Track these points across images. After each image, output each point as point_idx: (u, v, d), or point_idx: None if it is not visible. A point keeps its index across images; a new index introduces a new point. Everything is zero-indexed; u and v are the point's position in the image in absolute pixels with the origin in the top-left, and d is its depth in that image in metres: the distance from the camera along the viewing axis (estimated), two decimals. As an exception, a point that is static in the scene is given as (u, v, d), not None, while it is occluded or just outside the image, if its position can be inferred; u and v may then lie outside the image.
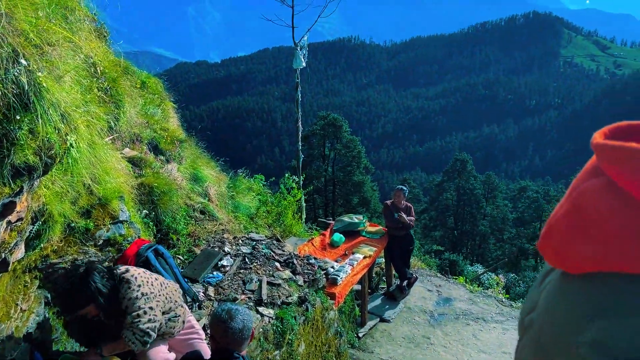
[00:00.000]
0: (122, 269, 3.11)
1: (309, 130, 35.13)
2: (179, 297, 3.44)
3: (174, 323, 3.30)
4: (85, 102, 2.66)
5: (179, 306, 3.39)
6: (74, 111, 2.27)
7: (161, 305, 3.19)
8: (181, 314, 3.40)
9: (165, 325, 3.22)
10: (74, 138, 2.33)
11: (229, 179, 8.42)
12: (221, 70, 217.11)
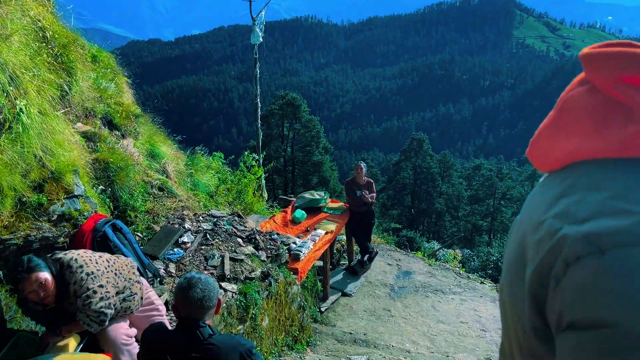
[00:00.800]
0: (60, 255, 2.95)
1: (267, 110, 34.78)
2: (134, 272, 3.32)
3: (130, 302, 3.20)
4: (35, 66, 2.50)
5: (134, 283, 3.28)
6: (23, 74, 2.13)
7: (112, 281, 3.07)
8: (137, 290, 3.29)
9: (120, 306, 3.12)
10: (24, 103, 2.19)
11: (187, 157, 8.24)
12: (175, 48, 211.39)
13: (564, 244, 0.66)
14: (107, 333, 3.09)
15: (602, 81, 0.72)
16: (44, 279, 2.76)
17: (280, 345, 5.54)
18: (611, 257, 0.60)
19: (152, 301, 3.55)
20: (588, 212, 0.65)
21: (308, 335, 6.27)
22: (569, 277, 0.65)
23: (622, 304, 0.59)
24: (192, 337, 2.19)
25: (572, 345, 0.65)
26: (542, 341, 0.74)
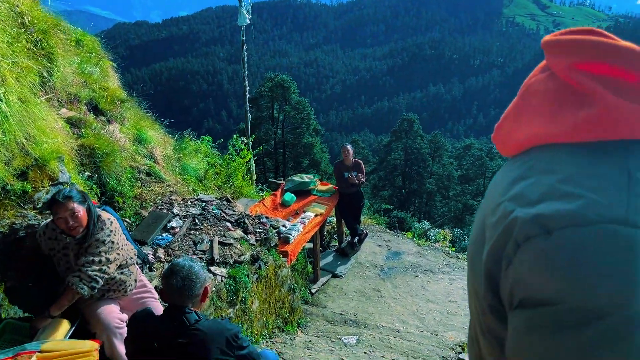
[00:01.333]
0: (100, 210, 3.17)
1: (257, 92, 34.53)
2: (134, 254, 3.46)
3: (127, 277, 3.28)
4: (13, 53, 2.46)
5: (133, 264, 3.39)
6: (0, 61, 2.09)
7: (120, 259, 3.20)
8: (134, 270, 3.40)
9: (119, 277, 3.23)
10: (3, 91, 2.16)
11: (175, 141, 8.19)
12: (163, 30, 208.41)
13: (515, 225, 0.68)
14: (99, 316, 3.11)
15: (558, 67, 0.75)
16: (79, 211, 2.90)
17: (271, 327, 5.60)
18: (556, 238, 0.63)
19: (145, 284, 3.58)
20: (539, 194, 0.68)
21: (299, 316, 6.33)
22: (518, 257, 0.67)
23: (565, 282, 0.61)
24: (178, 323, 2.21)
25: (520, 322, 0.68)
26: (499, 320, 0.76)
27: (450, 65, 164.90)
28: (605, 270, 0.60)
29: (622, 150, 0.68)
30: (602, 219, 0.61)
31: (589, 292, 0.60)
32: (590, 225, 0.61)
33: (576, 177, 0.67)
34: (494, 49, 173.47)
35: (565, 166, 0.70)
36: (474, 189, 39.14)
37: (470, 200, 38.85)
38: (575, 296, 0.61)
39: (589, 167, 0.68)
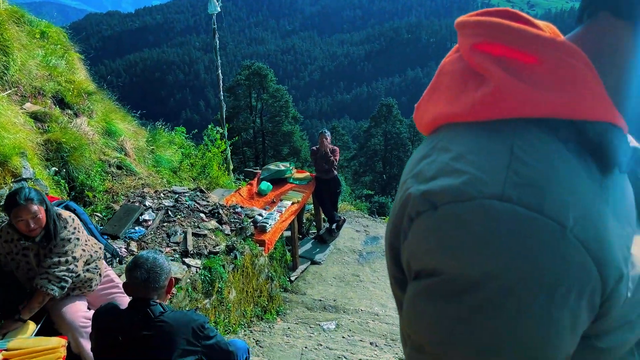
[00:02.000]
0: (59, 209, 3.12)
1: (234, 80, 34.20)
2: (100, 247, 3.41)
3: (93, 274, 3.24)
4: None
5: (98, 258, 3.34)
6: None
7: (85, 256, 3.15)
8: (101, 266, 3.35)
9: (84, 275, 3.18)
10: (-50, 87, 2.10)
11: (147, 133, 8.08)
12: (136, 20, 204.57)
13: (409, 201, 0.71)
14: (64, 315, 3.07)
15: (463, 48, 0.77)
16: (40, 212, 2.86)
17: (249, 316, 5.61)
18: (440, 212, 0.66)
19: (112, 278, 3.54)
20: (433, 172, 0.70)
21: (278, 304, 6.35)
22: (412, 231, 0.71)
23: (446, 254, 0.65)
24: (143, 315, 2.19)
25: (410, 292, 0.72)
26: (404, 293, 0.78)
27: (428, 49, 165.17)
28: (480, 243, 0.62)
29: (511, 128, 0.69)
30: (480, 194, 0.63)
31: (466, 263, 0.63)
32: (470, 200, 0.64)
33: (466, 155, 0.69)
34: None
35: (459, 145, 0.71)
36: (454, 172, 39.43)
37: (450, 182, 39.15)
38: (454, 267, 0.64)
39: (479, 145, 0.70)
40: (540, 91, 0.68)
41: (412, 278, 0.72)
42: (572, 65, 0.67)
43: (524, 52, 0.69)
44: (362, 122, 59.15)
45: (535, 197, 0.62)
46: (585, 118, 0.68)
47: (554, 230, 0.61)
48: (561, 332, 0.63)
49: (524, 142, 0.68)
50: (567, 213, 0.62)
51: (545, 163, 0.66)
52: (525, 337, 0.62)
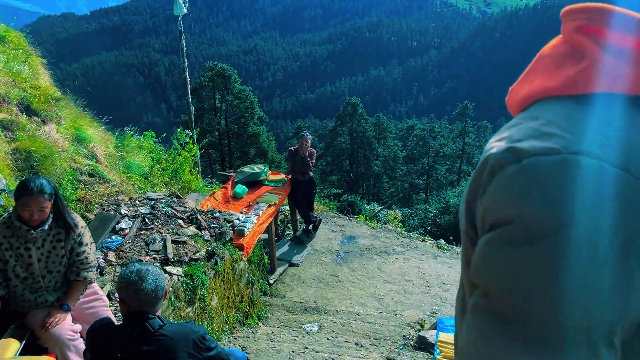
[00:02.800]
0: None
1: (197, 82, 33.69)
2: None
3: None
4: None
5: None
6: None
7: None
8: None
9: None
10: None
11: (116, 139, 7.86)
12: (92, 22, 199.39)
13: (491, 157, 0.74)
14: (49, 330, 2.94)
15: (566, 32, 0.83)
16: (47, 206, 2.89)
17: (232, 323, 5.52)
18: (524, 164, 0.68)
19: (95, 290, 3.41)
20: (521, 135, 0.73)
21: (259, 309, 6.28)
22: (492, 184, 0.73)
23: (522, 202, 0.67)
24: (142, 330, 2.11)
25: (482, 241, 0.73)
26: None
27: (389, 47, 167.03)
28: (560, 192, 0.64)
29: (603, 101, 0.73)
30: (565, 150, 0.67)
31: (544, 210, 0.65)
32: (554, 154, 0.67)
33: (556, 121, 0.72)
34: (430, 29, 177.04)
35: (549, 113, 0.75)
36: (419, 168, 40.04)
37: (416, 179, 39.76)
38: (531, 214, 0.66)
39: (570, 114, 0.74)
40: (634, 69, 0.72)
41: (485, 231, 0.73)
42: None
43: (624, 34, 0.74)
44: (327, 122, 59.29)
45: (621, 156, 0.65)
46: None
47: (637, 189, 0.63)
48: (632, 288, 0.64)
49: (615, 113, 0.71)
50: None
51: (634, 131, 0.69)
52: (597, 288, 0.63)
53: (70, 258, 3.09)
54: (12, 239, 2.92)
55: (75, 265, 3.10)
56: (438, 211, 21.71)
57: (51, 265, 3.04)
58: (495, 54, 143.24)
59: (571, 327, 0.63)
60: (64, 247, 3.06)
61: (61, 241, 3.05)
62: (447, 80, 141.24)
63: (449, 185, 34.03)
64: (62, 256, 3.06)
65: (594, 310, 0.63)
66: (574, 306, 0.63)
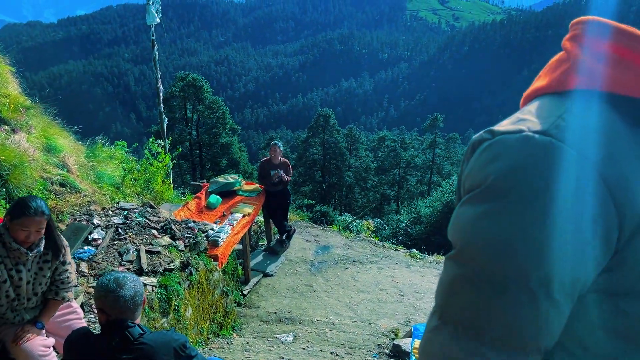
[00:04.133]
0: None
1: (168, 92, 33.36)
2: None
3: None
4: None
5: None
6: None
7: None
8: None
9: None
10: None
11: (86, 148, 7.73)
12: (59, 31, 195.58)
13: (475, 138, 0.87)
14: (21, 346, 2.87)
15: (564, 40, 0.95)
16: (44, 227, 2.83)
17: (206, 334, 5.47)
18: (495, 139, 0.82)
19: (70, 304, 3.34)
20: (505, 121, 0.87)
21: (233, 320, 6.24)
22: (473, 157, 0.86)
23: (489, 169, 0.80)
24: (121, 339, 2.09)
25: (459, 203, 0.86)
26: None
27: (360, 59, 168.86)
28: (515, 162, 0.77)
29: (577, 95, 0.85)
30: (527, 130, 0.80)
31: (502, 176, 0.77)
32: (519, 132, 0.80)
33: (532, 110, 0.86)
34: (401, 42, 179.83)
35: (533, 106, 0.88)
36: (390, 179, 40.43)
37: (388, 190, 40.12)
38: (493, 178, 0.78)
39: (545, 105, 0.87)
40: (611, 71, 0.83)
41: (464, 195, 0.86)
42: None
43: (601, 39, 0.86)
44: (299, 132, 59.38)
45: (572, 136, 0.77)
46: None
47: (581, 163, 0.75)
48: (569, 247, 0.74)
49: (582, 104, 0.83)
50: (597, 152, 0.76)
51: (592, 119, 0.80)
52: (537, 238, 0.73)
53: (52, 277, 3.04)
54: (6, 259, 2.83)
55: (56, 285, 3.04)
56: (409, 221, 21.95)
57: (37, 287, 2.97)
58: (463, 66, 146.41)
59: (513, 277, 0.74)
60: (50, 267, 3.00)
61: (48, 262, 2.99)
62: (417, 92, 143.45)
63: (419, 195, 34.42)
64: (48, 277, 3.00)
65: (533, 265, 0.74)
66: (520, 259, 0.74)
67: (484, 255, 0.77)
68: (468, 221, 0.81)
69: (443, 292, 0.84)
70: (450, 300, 0.82)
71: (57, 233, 3.01)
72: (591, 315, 0.82)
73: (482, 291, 0.77)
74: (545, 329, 0.76)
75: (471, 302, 0.78)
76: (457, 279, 0.81)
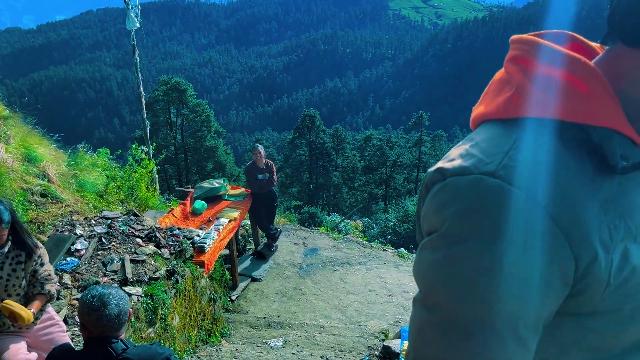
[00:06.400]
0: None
1: (151, 96, 33.10)
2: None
3: None
4: None
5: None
6: None
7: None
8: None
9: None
10: None
11: (68, 157, 7.62)
12: (38, 37, 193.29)
13: (428, 175, 0.88)
14: (4, 358, 2.81)
15: (505, 60, 0.92)
16: (5, 234, 2.83)
17: (194, 341, 5.41)
18: (445, 182, 0.82)
19: (52, 316, 3.28)
20: (454, 155, 0.86)
21: (221, 326, 6.18)
22: (427, 199, 0.87)
23: (443, 215, 0.80)
24: (104, 355, 2.05)
25: (419, 247, 0.87)
26: None
27: (344, 59, 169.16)
28: (467, 207, 0.77)
29: (522, 125, 0.83)
30: (478, 171, 0.78)
31: (455, 222, 0.78)
32: (468, 174, 0.79)
33: (480, 143, 0.85)
34: (384, 41, 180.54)
35: (480, 136, 0.87)
36: (377, 178, 40.53)
37: (375, 189, 40.21)
38: (447, 225, 0.79)
39: (493, 136, 0.85)
40: (552, 97, 0.81)
41: (424, 237, 0.87)
42: (586, 80, 0.79)
43: (550, 66, 0.83)
44: (285, 134, 59.33)
45: (520, 177, 0.76)
46: (589, 123, 0.79)
47: (531, 205, 0.74)
48: (529, 288, 0.74)
49: (527, 136, 0.81)
50: (544, 193, 0.75)
51: (538, 154, 0.79)
52: (496, 281, 0.74)
53: (34, 277, 3.01)
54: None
55: (40, 282, 3.01)
56: (397, 220, 21.98)
57: (11, 289, 2.91)
58: (447, 64, 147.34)
59: (478, 321, 0.75)
60: (25, 269, 2.94)
61: (21, 263, 2.93)
62: (402, 90, 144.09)
63: (407, 194, 34.58)
64: (22, 278, 2.94)
65: (495, 307, 0.74)
66: (483, 303, 0.75)
67: (448, 301, 0.78)
68: (429, 266, 0.82)
69: (414, 336, 0.85)
70: (421, 346, 0.83)
71: (25, 233, 2.97)
72: (560, 335, 0.85)
73: (450, 336, 0.77)
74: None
75: (441, 347, 0.79)
76: (425, 324, 0.82)
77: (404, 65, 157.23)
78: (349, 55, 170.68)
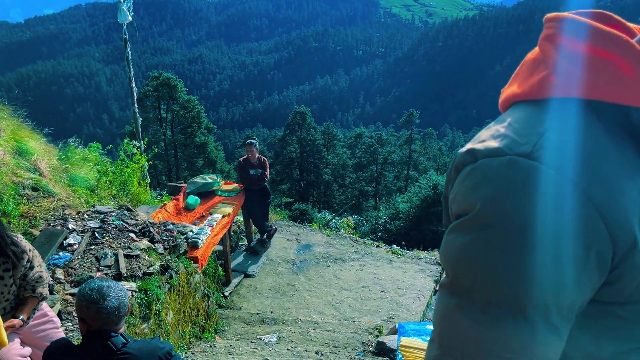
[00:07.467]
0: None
1: (141, 92, 32.81)
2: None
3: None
4: None
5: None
6: None
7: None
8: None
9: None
10: None
11: (59, 151, 7.52)
12: (26, 31, 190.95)
13: (457, 157, 0.85)
14: (-4, 356, 2.76)
15: (539, 39, 0.88)
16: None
17: (188, 337, 5.38)
18: (477, 164, 0.79)
19: (45, 312, 3.23)
20: (485, 137, 0.83)
21: (215, 322, 6.15)
22: (457, 181, 0.84)
23: (475, 196, 0.77)
24: (104, 349, 2.01)
25: (447, 231, 0.84)
26: None
27: (335, 56, 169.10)
28: (501, 190, 0.74)
29: (558, 105, 0.80)
30: (512, 152, 0.76)
31: (488, 204, 0.75)
32: (502, 156, 0.76)
33: (513, 124, 0.82)
34: (375, 39, 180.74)
35: (512, 116, 0.84)
36: (368, 176, 40.58)
37: (366, 186, 40.26)
38: (479, 207, 0.76)
39: (527, 117, 0.82)
40: (591, 76, 0.77)
41: (453, 220, 0.84)
42: (631, 61, 0.76)
43: (576, 39, 0.80)
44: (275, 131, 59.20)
45: (557, 158, 0.73)
46: (629, 104, 0.76)
47: (567, 187, 0.72)
48: (563, 274, 0.72)
49: (563, 116, 0.79)
50: (583, 175, 0.72)
51: (576, 135, 0.76)
52: (529, 266, 0.71)
53: (24, 280, 2.94)
54: None
55: (31, 285, 2.94)
56: (388, 217, 22.05)
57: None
58: (437, 62, 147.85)
59: (508, 307, 0.72)
60: (12, 276, 2.87)
61: (9, 270, 2.85)
62: (392, 88, 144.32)
63: (397, 191, 34.65)
64: (11, 285, 2.88)
65: (527, 293, 0.71)
66: (513, 289, 0.72)
67: (477, 285, 0.75)
68: (458, 250, 0.79)
69: (440, 322, 0.82)
70: (448, 331, 0.80)
71: (9, 241, 2.87)
72: (591, 324, 0.81)
73: (478, 321, 0.75)
74: (546, 356, 0.74)
75: (468, 333, 0.76)
76: (452, 309, 0.79)
77: (395, 63, 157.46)
78: (340, 53, 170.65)
